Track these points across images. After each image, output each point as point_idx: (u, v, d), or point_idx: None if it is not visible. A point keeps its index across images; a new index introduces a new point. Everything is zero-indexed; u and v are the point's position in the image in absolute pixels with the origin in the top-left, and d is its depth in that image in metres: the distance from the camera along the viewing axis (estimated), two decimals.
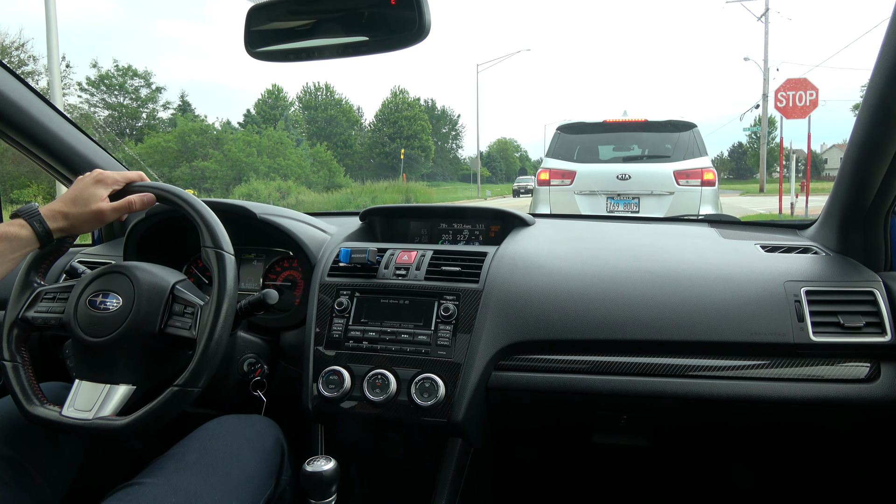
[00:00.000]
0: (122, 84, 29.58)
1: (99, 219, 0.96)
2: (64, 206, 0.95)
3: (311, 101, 47.29)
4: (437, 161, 55.36)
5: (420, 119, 49.05)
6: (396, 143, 46.43)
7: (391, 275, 1.21)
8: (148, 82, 30.69)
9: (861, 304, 1.07)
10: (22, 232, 0.91)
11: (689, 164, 4.84)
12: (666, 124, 5.13)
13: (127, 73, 29.72)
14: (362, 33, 1.00)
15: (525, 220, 1.46)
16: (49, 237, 0.94)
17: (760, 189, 26.89)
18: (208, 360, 0.87)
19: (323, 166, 30.15)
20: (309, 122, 45.98)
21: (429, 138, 50.07)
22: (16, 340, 0.96)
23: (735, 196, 25.63)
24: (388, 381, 1.09)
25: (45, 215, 0.93)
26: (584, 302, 1.12)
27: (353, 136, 47.74)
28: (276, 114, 39.70)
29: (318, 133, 44.70)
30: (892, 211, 1.15)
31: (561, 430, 1.49)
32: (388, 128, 48.70)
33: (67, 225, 0.95)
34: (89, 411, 0.87)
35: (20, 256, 0.93)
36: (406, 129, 48.01)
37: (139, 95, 30.61)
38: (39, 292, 0.99)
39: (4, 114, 1.25)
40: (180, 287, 0.97)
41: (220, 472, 0.86)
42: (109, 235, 1.66)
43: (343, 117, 46.96)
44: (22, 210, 0.93)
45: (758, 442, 1.46)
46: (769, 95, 25.57)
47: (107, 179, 0.98)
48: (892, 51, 0.92)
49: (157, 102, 31.46)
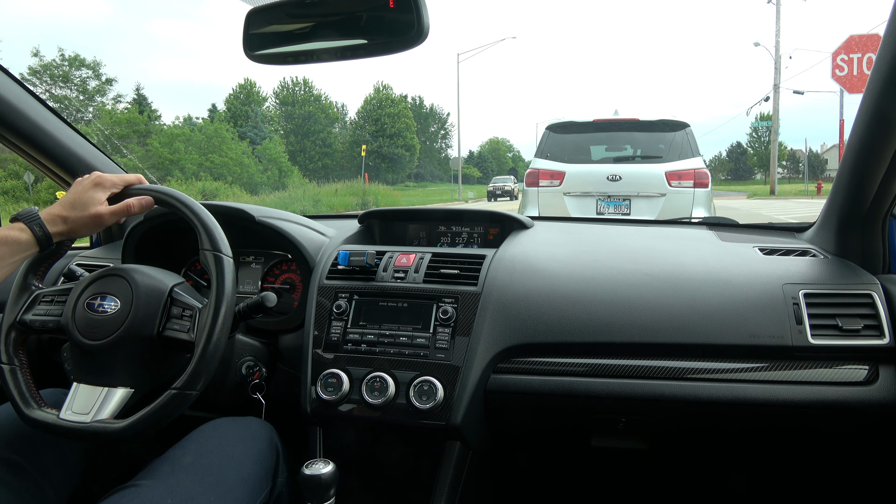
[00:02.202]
0: (67, 74, 26.00)
1: (97, 222, 0.97)
2: (63, 209, 0.95)
3: (288, 97, 44.67)
4: (424, 161, 53.34)
5: (404, 116, 46.62)
6: (379, 142, 44.69)
7: (390, 277, 1.21)
8: (97, 73, 27.13)
9: (859, 306, 1.07)
10: (22, 236, 0.91)
11: (681, 165, 4.57)
12: (658, 124, 4.85)
13: (73, 63, 26.23)
14: (361, 36, 1.00)
15: (524, 222, 1.46)
16: (49, 241, 0.94)
17: (771, 191, 25.12)
18: (206, 363, 0.87)
19: (272, 165, 26.81)
20: (286, 118, 43.87)
21: (413, 137, 47.63)
22: (13, 343, 0.96)
23: (741, 199, 23.74)
24: (387, 384, 1.09)
25: (45, 219, 0.93)
26: (583, 305, 1.12)
27: (334, 135, 45.54)
28: (248, 110, 37.14)
29: (295, 130, 42.89)
30: (889, 214, 1.15)
31: (559, 433, 1.49)
32: (371, 125, 46.22)
33: (67, 228, 0.95)
34: (87, 414, 0.87)
35: (20, 260, 0.93)
36: (389, 126, 45.53)
37: (86, 87, 27.02)
38: (37, 295, 0.99)
39: (4, 117, 1.25)
40: (178, 290, 0.96)
41: (215, 473, 0.86)
42: (108, 238, 1.66)
43: (322, 114, 44.43)
44: (21, 214, 0.93)
45: (756, 445, 1.46)
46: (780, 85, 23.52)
47: (105, 183, 0.98)
48: (889, 55, 0.92)
49: (106, 95, 27.80)
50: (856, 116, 1.05)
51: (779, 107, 24.09)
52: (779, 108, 24.14)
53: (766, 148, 52.20)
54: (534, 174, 4.95)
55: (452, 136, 61.43)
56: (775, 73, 23.59)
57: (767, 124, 27.84)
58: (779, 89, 23.73)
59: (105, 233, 1.65)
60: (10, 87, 1.24)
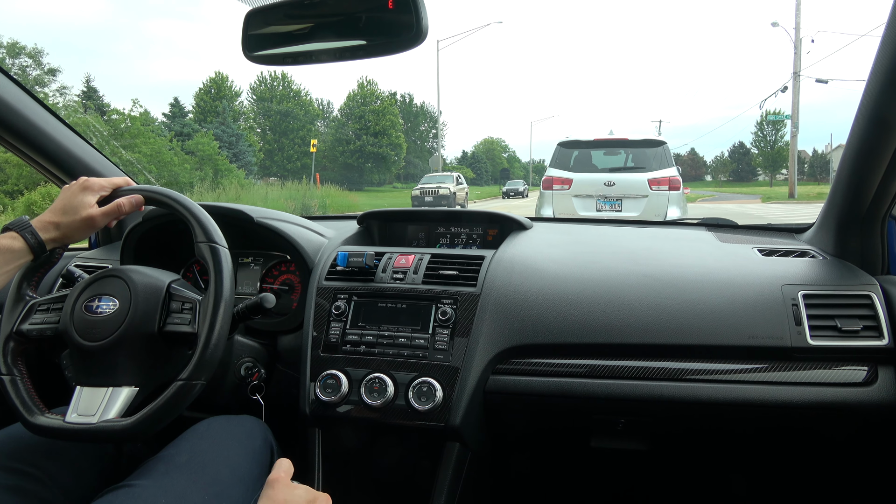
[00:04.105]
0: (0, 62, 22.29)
1: (90, 225, 0.97)
2: (54, 216, 0.95)
3: (266, 93, 42.35)
4: (414, 161, 51.13)
5: (389, 113, 43.79)
6: (363, 140, 42.29)
7: (389, 278, 1.21)
8: (38, 62, 24.66)
9: (858, 307, 1.07)
10: (14, 244, 0.91)
11: (659, 174, 6.07)
12: (641, 141, 6.34)
13: (11, 51, 23.95)
14: (360, 37, 0.99)
15: (522, 223, 1.46)
16: (42, 248, 0.94)
17: (790, 194, 21.33)
18: (211, 353, 0.87)
19: (207, 163, 22.83)
20: (263, 115, 41.53)
21: (400, 135, 44.72)
22: (12, 354, 0.95)
23: (754, 203, 21.08)
24: (386, 385, 1.09)
25: (37, 227, 0.93)
26: (582, 306, 1.12)
27: (314, 132, 42.12)
28: (218, 105, 34.62)
29: (273, 128, 40.73)
30: (888, 215, 1.15)
31: (558, 434, 1.49)
32: (354, 123, 43.67)
33: (59, 234, 0.95)
34: (93, 416, 0.87)
35: (14, 269, 0.93)
36: (373, 124, 42.58)
37: (26, 77, 23.83)
38: (32, 305, 0.99)
39: (2, 118, 1.25)
40: (176, 285, 0.96)
41: (209, 472, 0.85)
42: (106, 240, 1.66)
43: (300, 111, 42.02)
44: (13, 223, 0.93)
45: (755, 445, 1.45)
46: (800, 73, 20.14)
47: (93, 186, 0.99)
48: (888, 55, 0.92)
49: (47, 86, 24.84)
50: (854, 117, 1.04)
51: (799, 98, 20.60)
52: (799, 99, 20.63)
53: (772, 148, 51.90)
54: (549, 180, 6.48)
55: (444, 135, 59.86)
56: (795, 59, 20.19)
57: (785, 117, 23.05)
58: (799, 77, 20.30)
59: (104, 234, 1.65)
60: (9, 87, 1.24)
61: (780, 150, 50.69)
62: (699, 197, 28.36)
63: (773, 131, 51.19)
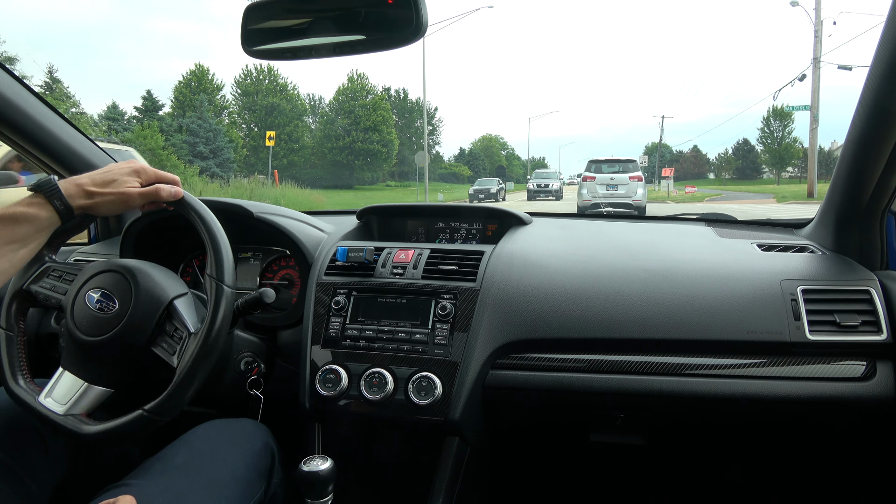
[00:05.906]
0: None
1: (125, 201, 0.94)
2: (91, 184, 0.92)
3: (251, 87, 40.30)
4: (408, 158, 47.87)
5: (381, 108, 41.63)
6: (352, 136, 40.30)
7: (388, 273, 1.21)
8: None
9: (857, 302, 1.07)
10: (41, 213, 0.88)
11: (633, 174, 14.30)
12: (626, 160, 14.89)
13: None
14: (359, 32, 0.99)
15: (522, 218, 1.46)
16: (70, 214, 0.91)
17: (809, 193, 19.02)
18: (181, 396, 0.86)
19: (146, 157, 20.50)
20: (249, 109, 39.76)
21: (392, 131, 42.65)
22: (16, 311, 0.96)
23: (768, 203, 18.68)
24: (385, 380, 1.09)
25: (69, 192, 0.90)
26: (581, 300, 1.12)
27: (301, 128, 40.86)
28: (195, 99, 33.10)
29: (258, 123, 38.90)
30: (887, 210, 1.15)
31: (558, 429, 1.50)
32: (344, 118, 41.42)
33: (91, 203, 0.92)
34: (64, 405, 0.88)
35: (42, 239, 0.91)
36: (364, 119, 40.52)
37: None
38: (48, 267, 0.98)
39: (3, 113, 1.25)
40: (178, 303, 0.94)
41: (207, 473, 0.85)
42: (106, 234, 1.66)
43: (287, 105, 39.99)
44: (41, 185, 0.89)
45: (754, 440, 1.46)
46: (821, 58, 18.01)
47: (144, 171, 0.96)
48: (888, 48, 0.92)
49: None
50: (854, 111, 1.04)
51: (819, 87, 18.25)
52: (819, 87, 18.26)
53: (779, 144, 51.21)
54: (585, 177, 14.73)
55: (441, 132, 57.49)
56: (815, 44, 18.17)
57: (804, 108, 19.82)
58: (819, 63, 18.13)
59: (103, 228, 1.66)
60: (8, 82, 1.24)
61: (787, 147, 49.81)
62: (706, 196, 26.74)
63: (781, 127, 50.54)
